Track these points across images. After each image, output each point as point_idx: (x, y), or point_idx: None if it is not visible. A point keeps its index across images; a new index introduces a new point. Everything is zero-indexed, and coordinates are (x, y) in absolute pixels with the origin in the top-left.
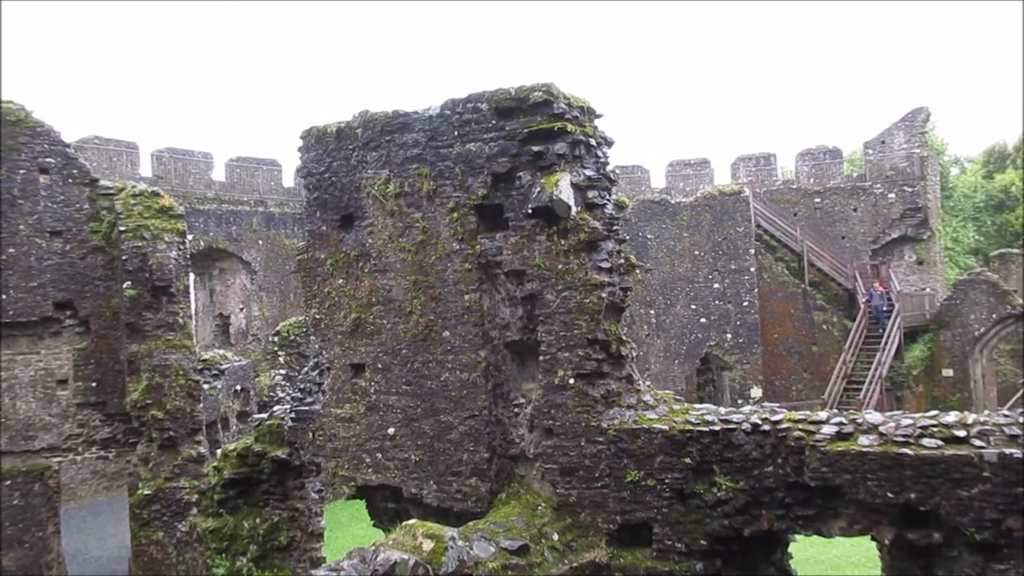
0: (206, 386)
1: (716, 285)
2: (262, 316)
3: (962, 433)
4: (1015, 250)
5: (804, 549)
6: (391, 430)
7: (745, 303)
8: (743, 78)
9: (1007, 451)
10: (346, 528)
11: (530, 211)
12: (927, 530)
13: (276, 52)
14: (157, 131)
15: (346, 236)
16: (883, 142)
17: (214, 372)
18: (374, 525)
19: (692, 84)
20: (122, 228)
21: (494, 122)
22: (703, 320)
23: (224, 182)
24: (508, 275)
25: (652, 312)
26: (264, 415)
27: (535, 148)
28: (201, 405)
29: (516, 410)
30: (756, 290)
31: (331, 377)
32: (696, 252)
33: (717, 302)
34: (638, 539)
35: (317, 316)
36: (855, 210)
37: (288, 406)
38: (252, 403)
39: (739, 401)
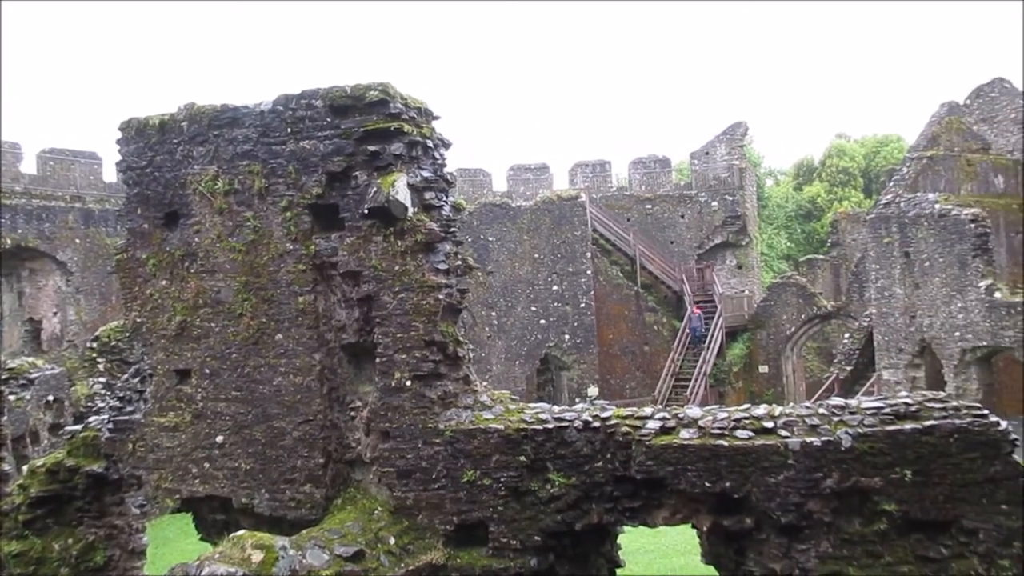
0: (12, 397)
1: (555, 287)
2: (79, 320)
3: (770, 424)
4: (821, 256)
5: (635, 540)
6: (220, 438)
7: (582, 305)
8: (581, 86)
9: (808, 440)
10: (173, 544)
11: (366, 211)
12: (740, 516)
13: (94, 40)
14: None
15: (170, 235)
16: (707, 153)
17: (21, 382)
18: (202, 539)
19: (533, 90)
20: None
21: (329, 120)
22: (543, 321)
23: (35, 175)
24: (344, 276)
25: (494, 314)
26: (78, 427)
27: (371, 148)
28: (5, 418)
29: (352, 414)
30: (592, 292)
31: (154, 384)
32: (536, 255)
33: (556, 304)
34: (474, 538)
35: (138, 319)
36: (683, 217)
37: (105, 416)
38: (67, 414)
39: (577, 400)
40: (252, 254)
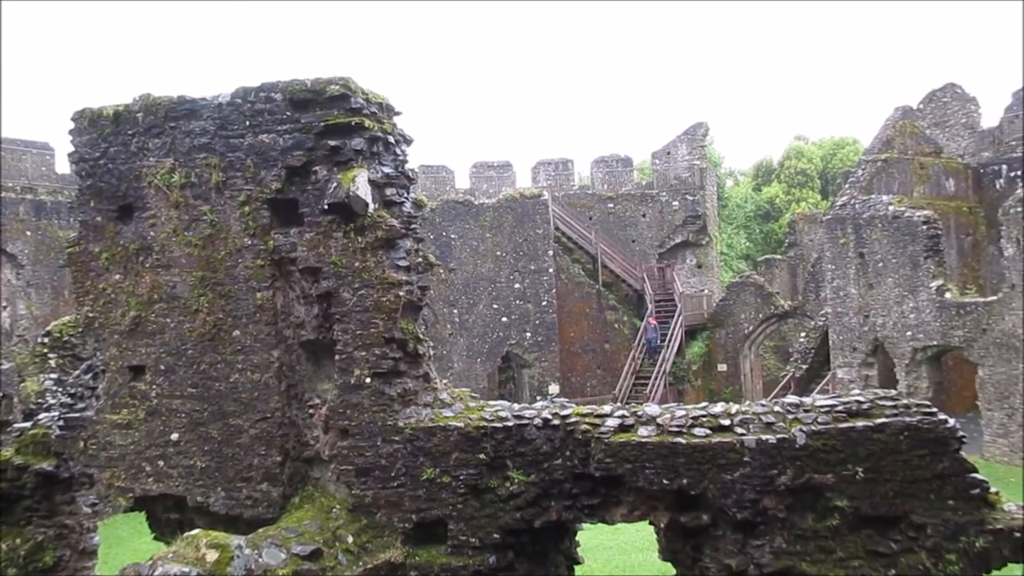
0: None
1: (517, 285)
2: (30, 315)
3: (727, 422)
4: (779, 256)
5: (594, 537)
6: (175, 436)
7: (544, 303)
8: (545, 84)
9: (763, 437)
10: (127, 543)
11: (326, 207)
12: (697, 512)
13: (47, 28)
14: None
15: (124, 228)
16: (668, 153)
17: None
18: (156, 538)
19: (497, 88)
20: None
21: (289, 114)
22: (504, 319)
23: None
24: (303, 272)
25: (455, 311)
26: (27, 424)
27: (332, 143)
28: None
29: (311, 411)
30: (554, 290)
31: (107, 380)
32: (498, 252)
33: (518, 301)
34: (433, 536)
35: (91, 314)
36: (644, 216)
37: (56, 413)
38: (16, 411)
39: (538, 398)
40: (209, 249)
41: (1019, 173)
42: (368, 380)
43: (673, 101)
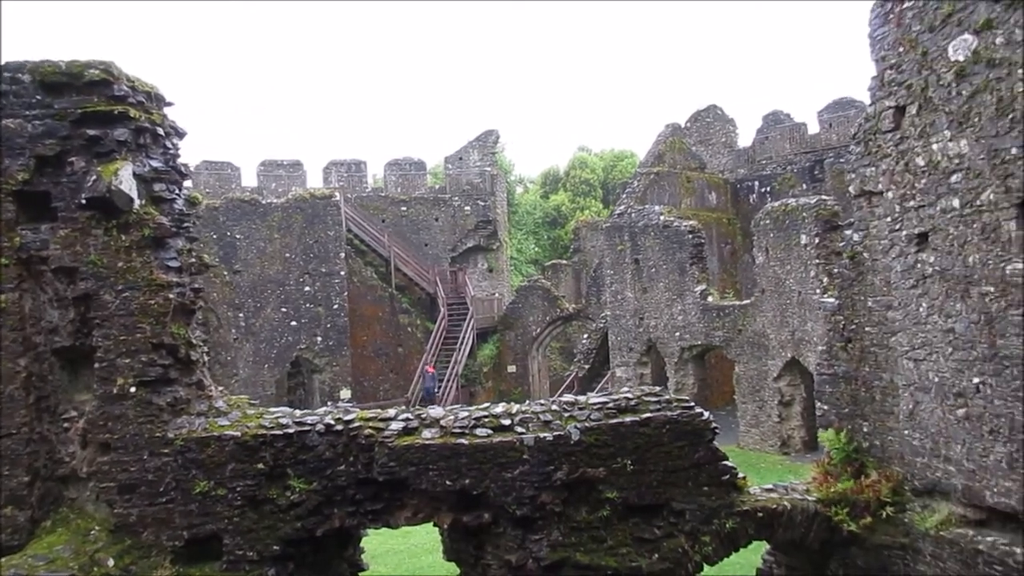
0: None
1: (307, 288)
2: None
3: (508, 422)
4: (564, 261)
5: (384, 541)
6: None
7: (335, 306)
8: (337, 84)
9: (541, 435)
10: None
11: (84, 201)
12: (479, 512)
13: None
14: None
15: None
16: (460, 158)
17: None
18: None
19: (288, 86)
20: None
21: (39, 98)
22: (294, 323)
23: None
24: (56, 272)
25: (241, 315)
26: None
27: (91, 132)
28: None
29: (66, 425)
30: (346, 293)
31: None
32: (287, 254)
33: (308, 305)
34: (207, 553)
35: None
36: (437, 220)
37: None
38: None
39: (328, 403)
40: None
41: (768, 189)
42: (133, 389)
43: (465, 107)
